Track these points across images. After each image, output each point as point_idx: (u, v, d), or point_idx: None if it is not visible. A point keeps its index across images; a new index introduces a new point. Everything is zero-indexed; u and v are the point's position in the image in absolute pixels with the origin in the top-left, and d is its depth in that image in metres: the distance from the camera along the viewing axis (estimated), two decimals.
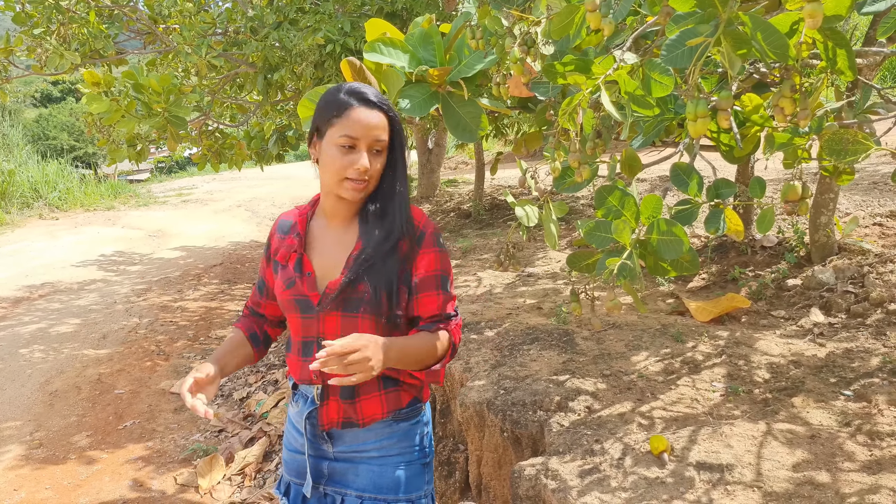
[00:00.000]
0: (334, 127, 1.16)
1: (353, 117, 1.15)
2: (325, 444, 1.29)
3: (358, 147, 1.16)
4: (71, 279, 7.39)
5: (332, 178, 1.18)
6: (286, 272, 1.28)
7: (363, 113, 1.16)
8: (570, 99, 1.19)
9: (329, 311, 1.24)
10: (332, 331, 1.24)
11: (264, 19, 3.95)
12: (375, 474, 1.27)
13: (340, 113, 1.16)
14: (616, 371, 1.89)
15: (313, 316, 1.25)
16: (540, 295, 2.94)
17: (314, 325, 1.26)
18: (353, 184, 1.17)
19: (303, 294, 1.25)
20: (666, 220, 1.11)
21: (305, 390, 1.31)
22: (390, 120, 1.20)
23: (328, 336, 1.24)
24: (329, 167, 1.18)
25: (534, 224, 1.48)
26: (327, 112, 1.18)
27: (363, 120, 1.16)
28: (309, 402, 1.29)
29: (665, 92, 1.15)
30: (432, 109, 1.82)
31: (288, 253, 1.29)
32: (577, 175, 1.19)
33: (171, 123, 3.69)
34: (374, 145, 1.18)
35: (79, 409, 3.97)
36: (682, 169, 1.19)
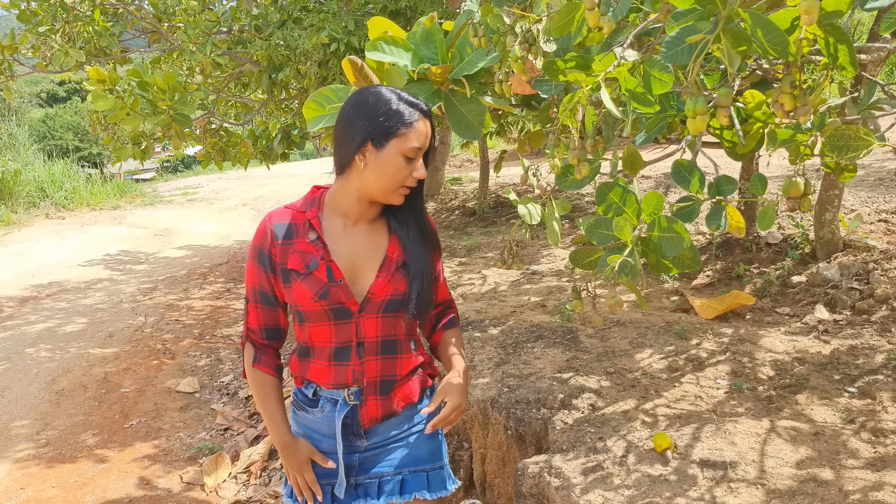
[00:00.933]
0: (401, 138, 1.17)
1: (421, 130, 1.18)
2: (358, 441, 1.30)
3: (418, 156, 1.20)
4: (77, 278, 7.43)
5: (390, 186, 1.19)
6: (313, 281, 1.22)
7: (426, 125, 1.20)
8: (571, 96, 1.19)
9: (368, 315, 1.25)
10: (372, 333, 1.26)
11: (268, 18, 3.96)
12: (410, 448, 1.32)
13: (408, 125, 1.17)
14: (620, 369, 1.89)
15: (350, 321, 1.25)
16: (544, 293, 2.93)
17: (350, 330, 1.25)
18: (405, 190, 1.21)
19: (339, 303, 1.23)
20: (667, 218, 1.11)
21: (332, 394, 1.28)
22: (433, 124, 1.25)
23: (368, 339, 1.26)
24: (389, 176, 1.18)
25: (536, 222, 1.48)
26: (390, 122, 1.17)
27: (426, 131, 1.20)
28: (341, 405, 1.27)
29: (665, 89, 1.15)
30: (435, 108, 1.82)
31: (305, 260, 1.23)
32: (576, 172, 1.19)
33: (175, 121, 3.70)
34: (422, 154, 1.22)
35: (85, 408, 3.99)
36: (683, 166, 1.19)
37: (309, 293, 1.21)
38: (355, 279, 1.25)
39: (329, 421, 1.29)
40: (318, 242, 1.23)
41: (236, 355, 4.90)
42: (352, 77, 1.83)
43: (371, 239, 1.27)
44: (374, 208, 1.26)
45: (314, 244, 1.23)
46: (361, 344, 1.26)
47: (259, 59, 4.12)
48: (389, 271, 1.26)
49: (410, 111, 1.18)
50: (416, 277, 1.25)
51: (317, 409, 1.31)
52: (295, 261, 1.22)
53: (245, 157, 5.02)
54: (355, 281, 1.25)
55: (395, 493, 1.30)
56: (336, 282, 1.23)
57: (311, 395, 1.31)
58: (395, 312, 1.27)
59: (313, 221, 1.24)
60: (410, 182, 1.20)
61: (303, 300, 1.22)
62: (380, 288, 1.24)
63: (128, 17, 4.28)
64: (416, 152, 1.18)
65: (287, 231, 1.25)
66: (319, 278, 1.22)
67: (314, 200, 1.29)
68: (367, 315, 1.25)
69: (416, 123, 1.17)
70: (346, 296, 1.23)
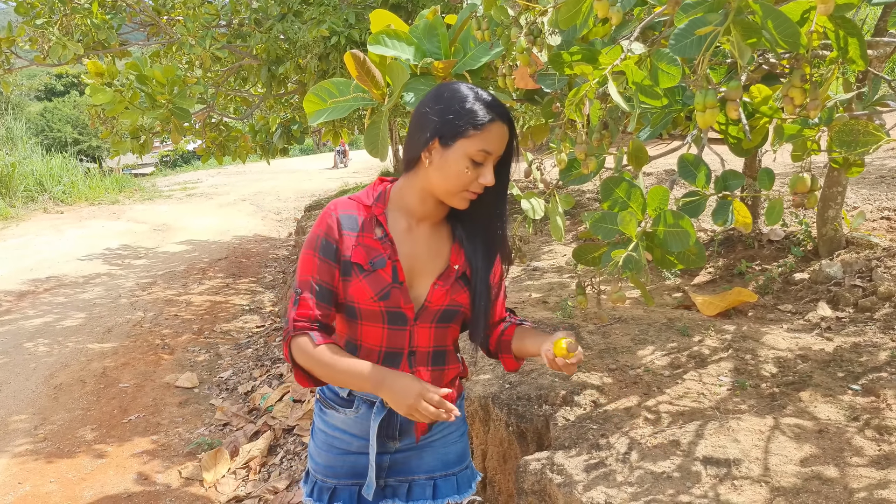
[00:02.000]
0: (470, 139, 1.09)
1: (497, 133, 1.10)
2: (391, 442, 1.26)
3: (487, 162, 1.11)
4: (76, 273, 7.42)
5: (453, 188, 1.12)
6: (376, 280, 1.15)
7: (502, 129, 1.11)
8: (577, 90, 1.17)
9: (422, 324, 1.21)
10: (425, 343, 1.23)
11: (268, 11, 3.93)
12: (441, 453, 1.29)
13: (481, 126, 1.09)
14: (622, 365, 1.88)
15: (404, 329, 1.20)
16: (545, 289, 2.92)
17: (403, 338, 1.21)
18: (470, 195, 1.13)
19: (397, 306, 1.18)
20: (673, 213, 1.10)
21: (370, 395, 1.23)
22: (511, 130, 1.15)
23: (421, 348, 1.23)
24: (452, 177, 1.11)
25: (540, 217, 1.47)
26: (462, 120, 1.09)
27: (501, 136, 1.11)
28: (378, 408, 1.23)
29: (672, 82, 1.14)
30: None
31: (371, 256, 1.16)
32: (583, 167, 1.18)
33: (174, 115, 3.68)
34: (495, 160, 1.14)
35: (83, 403, 3.98)
36: (689, 160, 1.18)
37: (370, 292, 1.16)
38: (413, 283, 1.20)
39: (363, 422, 1.24)
40: (385, 240, 1.17)
41: (235, 350, 4.89)
42: (354, 71, 1.81)
43: (433, 243, 1.21)
44: (441, 209, 1.20)
45: (381, 241, 1.17)
46: (414, 353, 1.23)
47: (259, 52, 4.10)
48: (448, 281, 1.21)
49: (485, 112, 1.10)
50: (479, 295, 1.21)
51: (350, 409, 1.25)
52: (360, 255, 1.16)
53: (244, 152, 5.00)
54: (413, 285, 1.20)
55: (428, 497, 1.27)
56: (399, 283, 1.17)
57: (347, 394, 1.25)
58: (448, 323, 1.23)
59: (380, 218, 1.19)
60: (475, 188, 1.12)
61: (361, 298, 1.17)
62: (437, 297, 1.20)
63: (126, 10, 4.25)
64: (484, 156, 1.10)
65: (354, 223, 1.18)
66: (384, 278, 1.16)
67: (380, 195, 1.22)
68: (422, 324, 1.21)
69: (489, 126, 1.09)
70: (405, 300, 1.18)
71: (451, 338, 1.27)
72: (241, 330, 5.46)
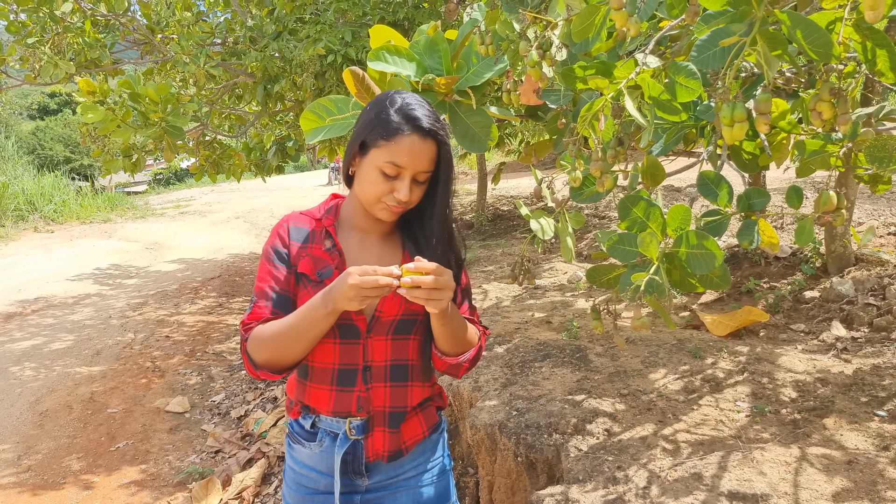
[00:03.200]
0: (380, 149, 1.05)
1: (405, 145, 1.04)
2: (359, 479, 1.19)
3: (401, 176, 1.06)
4: (65, 293, 7.27)
5: (368, 198, 1.09)
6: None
7: (415, 143, 1.04)
8: (590, 104, 1.11)
9: (377, 337, 1.15)
10: (381, 357, 1.16)
11: (264, 29, 3.89)
12: (416, 493, 1.21)
13: (390, 137, 1.04)
14: (634, 390, 1.80)
15: (357, 342, 1.15)
16: (549, 308, 2.85)
17: (357, 352, 1.15)
18: (389, 206, 1.08)
19: (348, 318, 1.12)
20: (696, 233, 1.04)
21: (332, 425, 1.18)
22: (440, 147, 1.08)
23: (376, 363, 1.16)
24: (367, 189, 1.08)
25: (549, 237, 1.40)
26: (375, 130, 1.06)
27: (413, 150, 1.04)
28: (342, 439, 1.16)
29: (692, 96, 1.08)
30: None
31: (318, 268, 1.13)
32: (598, 185, 1.12)
33: (167, 133, 3.62)
34: (419, 176, 1.07)
35: (70, 430, 3.85)
36: (709, 178, 1.12)
37: None
38: None
39: (327, 456, 1.18)
40: (333, 251, 1.15)
41: (228, 373, 4.77)
42: (353, 88, 1.75)
43: (384, 254, 1.18)
44: (383, 221, 1.16)
45: (330, 252, 1.15)
46: (368, 368, 1.16)
47: (254, 70, 4.05)
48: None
49: (399, 124, 1.04)
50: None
51: (314, 443, 1.19)
52: (306, 265, 1.14)
53: (239, 170, 4.93)
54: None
55: None
56: None
57: (310, 426, 1.20)
58: (407, 335, 1.17)
59: (330, 229, 1.16)
60: (391, 201, 1.07)
61: None
62: (389, 306, 1.14)
63: (120, 29, 4.20)
64: (394, 169, 1.05)
65: (302, 234, 1.17)
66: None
67: (331, 209, 1.21)
68: (376, 336, 1.15)
69: (399, 138, 1.04)
70: (355, 311, 1.13)
71: (415, 351, 1.18)
72: (235, 351, 5.33)
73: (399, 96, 1.08)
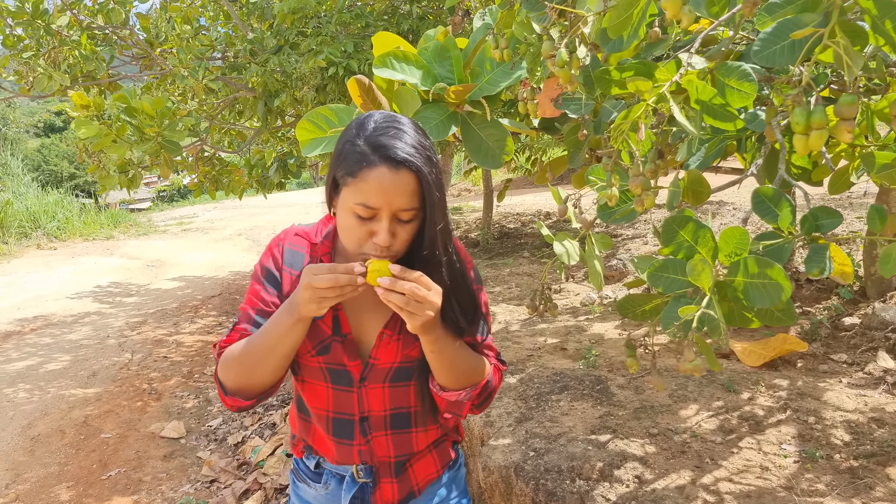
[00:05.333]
0: (349, 188, 0.88)
1: (372, 182, 0.85)
2: None
3: (378, 217, 0.88)
4: (64, 312, 7.15)
5: (348, 245, 0.92)
6: (314, 330, 0.98)
7: (384, 177, 0.85)
8: (627, 111, 0.96)
9: (373, 385, 1.01)
10: (379, 406, 1.02)
11: (264, 43, 3.79)
12: None
13: (356, 172, 0.86)
14: (664, 429, 1.62)
15: (350, 390, 1.01)
16: (562, 333, 2.68)
17: (351, 401, 1.02)
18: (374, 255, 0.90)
19: (340, 363, 0.99)
20: (757, 259, 0.88)
21: (338, 469, 1.07)
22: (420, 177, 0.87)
23: (374, 413, 1.02)
24: (345, 236, 0.92)
25: (575, 262, 1.25)
26: (342, 165, 0.89)
27: (383, 186, 0.85)
28: (349, 483, 1.05)
29: (746, 101, 0.93)
30: (450, 134, 1.60)
31: None
32: (636, 203, 0.96)
33: (164, 149, 3.50)
34: (398, 214, 0.88)
35: (61, 456, 3.68)
36: (766, 195, 0.96)
37: (307, 344, 0.99)
38: (360, 336, 1.02)
39: (334, 499, 1.06)
40: None
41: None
42: (357, 98, 1.61)
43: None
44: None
45: None
46: (366, 418, 1.03)
47: (255, 85, 3.94)
48: (396, 330, 1.00)
49: (365, 154, 0.86)
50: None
51: (320, 484, 1.08)
52: None
53: (239, 187, 4.81)
54: (360, 338, 1.02)
55: None
56: (342, 336, 0.99)
57: (314, 467, 1.09)
58: (407, 381, 1.03)
59: (324, 259, 1.02)
60: (370, 249, 0.89)
61: (299, 350, 1.00)
62: (385, 352, 1.00)
63: (118, 43, 4.11)
64: (367, 211, 0.87)
65: (297, 260, 1.03)
66: (322, 329, 0.99)
67: (329, 233, 1.05)
68: (372, 385, 1.01)
69: (368, 173, 0.85)
70: (349, 356, 0.99)
71: (416, 397, 1.04)
72: None
73: (371, 120, 0.91)
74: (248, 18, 4.10)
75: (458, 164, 12.00)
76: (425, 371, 1.01)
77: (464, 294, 1.00)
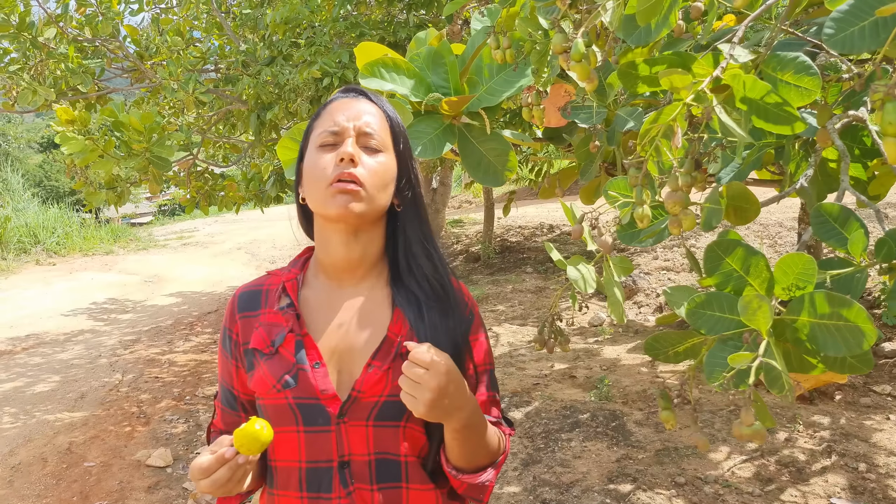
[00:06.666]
0: (314, 132, 0.90)
1: (332, 106, 0.90)
2: None
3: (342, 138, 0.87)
4: (58, 330, 6.99)
5: (316, 187, 0.86)
6: (278, 362, 0.86)
7: (344, 101, 0.90)
8: (658, 114, 0.79)
9: (354, 422, 0.84)
10: (362, 449, 0.85)
11: (256, 54, 3.66)
12: None
13: (319, 113, 0.91)
14: (692, 477, 1.43)
15: (327, 429, 0.84)
16: (570, 358, 2.49)
17: (328, 443, 0.84)
18: (340, 185, 0.84)
19: (312, 396, 0.84)
20: (828, 296, 0.70)
21: None
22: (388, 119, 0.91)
23: (357, 456, 0.84)
24: (312, 177, 0.87)
25: (592, 290, 1.07)
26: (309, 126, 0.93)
27: (343, 106, 0.89)
28: None
29: (808, 99, 0.76)
30: (447, 150, 1.44)
31: (272, 335, 0.87)
32: (672, 224, 0.78)
33: (153, 164, 3.35)
34: (363, 139, 0.87)
35: (40, 488, 3.49)
36: (830, 213, 0.79)
37: (271, 379, 0.86)
38: (341, 366, 0.86)
39: None
40: (288, 310, 0.89)
41: None
42: None
43: (366, 311, 0.89)
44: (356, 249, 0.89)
45: (283, 312, 0.89)
46: (346, 464, 0.85)
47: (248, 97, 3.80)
48: (386, 360, 0.85)
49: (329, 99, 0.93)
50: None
51: None
52: (259, 338, 0.89)
53: (232, 202, 4.67)
54: (341, 368, 0.86)
55: None
56: (310, 365, 0.84)
57: None
58: (396, 422, 0.85)
59: (288, 284, 0.91)
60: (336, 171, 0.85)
61: (264, 390, 0.87)
62: (370, 384, 0.84)
63: (108, 55, 3.98)
64: (331, 137, 0.87)
65: (253, 300, 0.93)
66: (286, 358, 0.85)
67: (301, 260, 0.97)
68: (353, 422, 0.84)
69: (329, 105, 0.91)
70: (321, 386, 0.84)
71: (408, 444, 0.87)
72: None
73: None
74: (241, 30, 3.98)
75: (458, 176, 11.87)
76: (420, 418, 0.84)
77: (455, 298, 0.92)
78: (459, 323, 0.90)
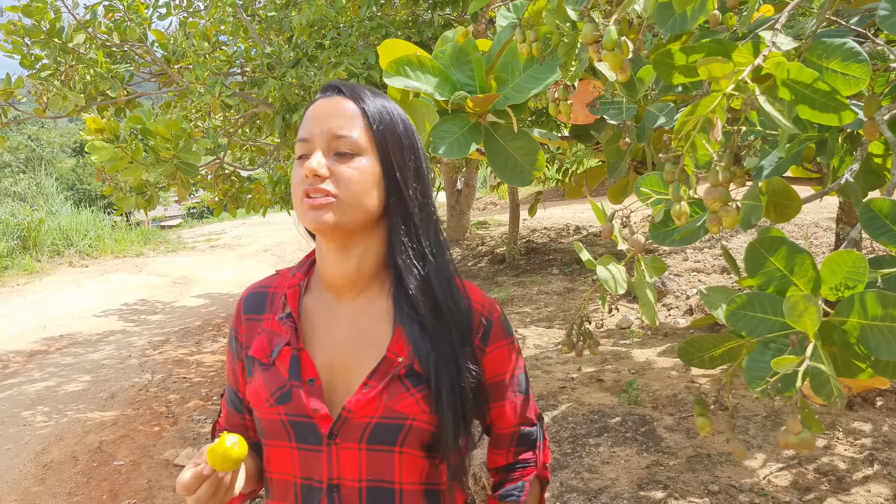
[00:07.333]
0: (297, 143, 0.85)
1: (308, 112, 0.83)
2: None
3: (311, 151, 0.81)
4: (90, 330, 7.16)
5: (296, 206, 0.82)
6: (273, 376, 0.83)
7: (318, 104, 0.83)
8: (694, 106, 0.76)
9: (346, 444, 0.80)
10: (352, 474, 0.80)
11: (282, 56, 3.68)
12: None
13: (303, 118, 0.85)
14: (726, 485, 1.38)
15: (318, 449, 0.81)
16: (598, 361, 2.44)
17: (318, 464, 0.81)
18: (308, 201, 0.79)
19: (304, 414, 0.81)
20: (880, 295, 0.66)
21: None
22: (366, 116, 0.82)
23: (347, 481, 0.80)
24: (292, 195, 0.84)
25: (623, 291, 1.03)
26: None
27: (316, 112, 0.82)
28: None
29: (857, 88, 0.72)
30: (473, 150, 1.41)
31: (271, 346, 0.85)
32: (711, 222, 0.74)
33: (180, 170, 3.40)
34: (334, 144, 0.80)
35: (71, 485, 3.56)
36: (881, 210, 0.74)
37: (265, 393, 0.83)
38: (338, 384, 0.83)
39: None
40: (287, 321, 0.85)
41: None
42: None
43: (364, 327, 0.85)
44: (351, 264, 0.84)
45: (283, 322, 0.86)
46: (336, 487, 0.80)
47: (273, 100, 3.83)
48: (383, 380, 0.80)
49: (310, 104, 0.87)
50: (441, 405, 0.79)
51: None
52: (258, 346, 0.87)
53: (259, 204, 4.71)
54: (337, 386, 0.83)
55: None
56: (305, 381, 0.81)
57: None
58: (391, 446, 0.80)
59: (289, 291, 0.87)
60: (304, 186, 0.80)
61: (258, 402, 0.84)
62: (361, 403, 0.79)
63: (136, 59, 4.06)
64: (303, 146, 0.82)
65: (259, 303, 0.90)
66: (279, 372, 0.83)
67: (307, 263, 0.92)
68: (345, 444, 0.80)
69: (308, 110, 0.85)
70: (313, 405, 0.80)
71: (404, 471, 0.81)
72: None
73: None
74: (266, 32, 4.02)
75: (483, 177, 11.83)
76: (417, 439, 0.80)
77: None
78: (466, 335, 0.84)
